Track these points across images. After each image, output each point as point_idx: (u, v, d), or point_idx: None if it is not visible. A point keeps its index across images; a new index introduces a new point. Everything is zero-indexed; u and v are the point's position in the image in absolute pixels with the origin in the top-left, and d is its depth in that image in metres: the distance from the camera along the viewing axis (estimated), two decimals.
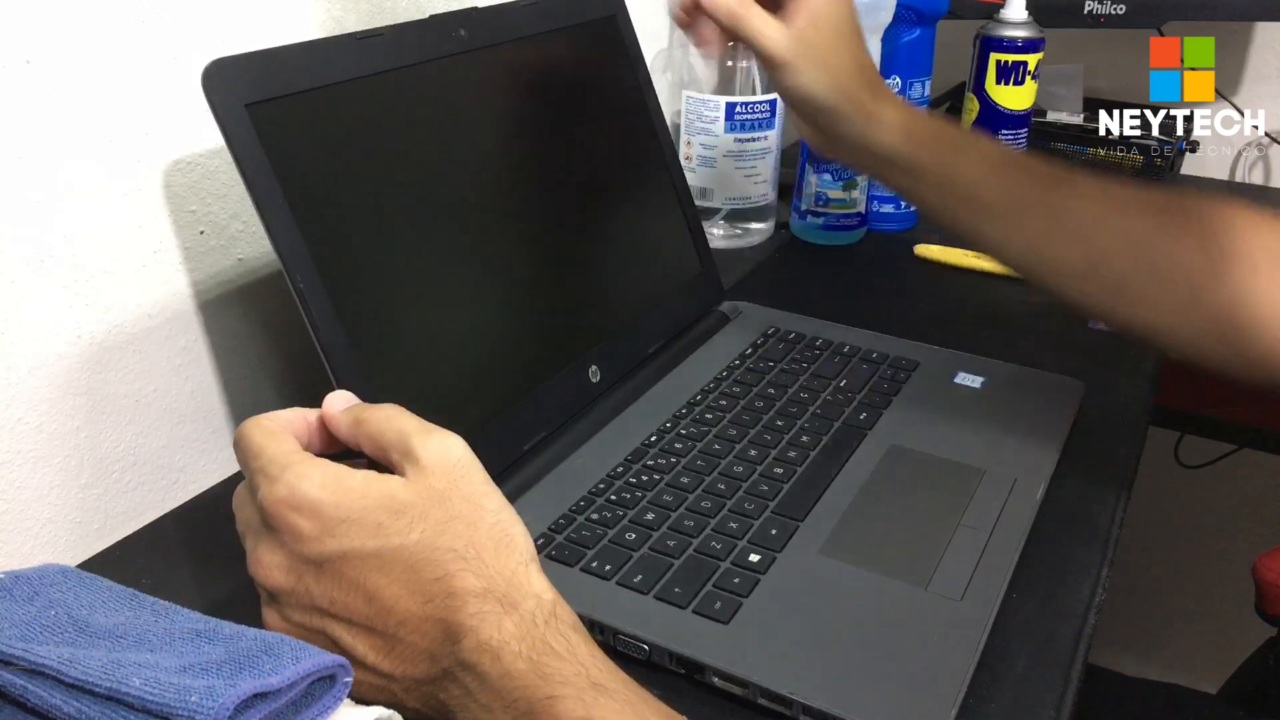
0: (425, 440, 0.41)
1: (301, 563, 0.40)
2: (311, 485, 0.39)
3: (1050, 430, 0.62)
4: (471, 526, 0.39)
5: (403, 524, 0.39)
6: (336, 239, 0.50)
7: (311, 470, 0.40)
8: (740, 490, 0.56)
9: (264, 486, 0.40)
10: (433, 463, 0.40)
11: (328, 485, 0.39)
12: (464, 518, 0.39)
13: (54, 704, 0.36)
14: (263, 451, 0.41)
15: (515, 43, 0.63)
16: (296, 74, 0.50)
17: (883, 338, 0.73)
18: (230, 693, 0.34)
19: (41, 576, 0.42)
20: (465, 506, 0.40)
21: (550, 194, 0.64)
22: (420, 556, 0.39)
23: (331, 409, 0.44)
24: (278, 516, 0.39)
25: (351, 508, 0.39)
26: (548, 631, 0.38)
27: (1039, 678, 0.45)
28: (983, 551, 0.51)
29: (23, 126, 0.48)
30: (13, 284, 0.49)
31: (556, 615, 0.39)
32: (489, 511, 0.40)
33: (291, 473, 0.40)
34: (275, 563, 0.40)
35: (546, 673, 0.37)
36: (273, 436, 0.42)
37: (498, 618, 0.38)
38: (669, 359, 0.69)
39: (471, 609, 0.38)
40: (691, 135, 0.90)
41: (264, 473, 0.40)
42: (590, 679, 0.37)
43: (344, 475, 0.40)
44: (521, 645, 0.37)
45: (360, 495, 0.39)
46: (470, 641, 0.38)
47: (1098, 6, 1.00)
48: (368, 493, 0.39)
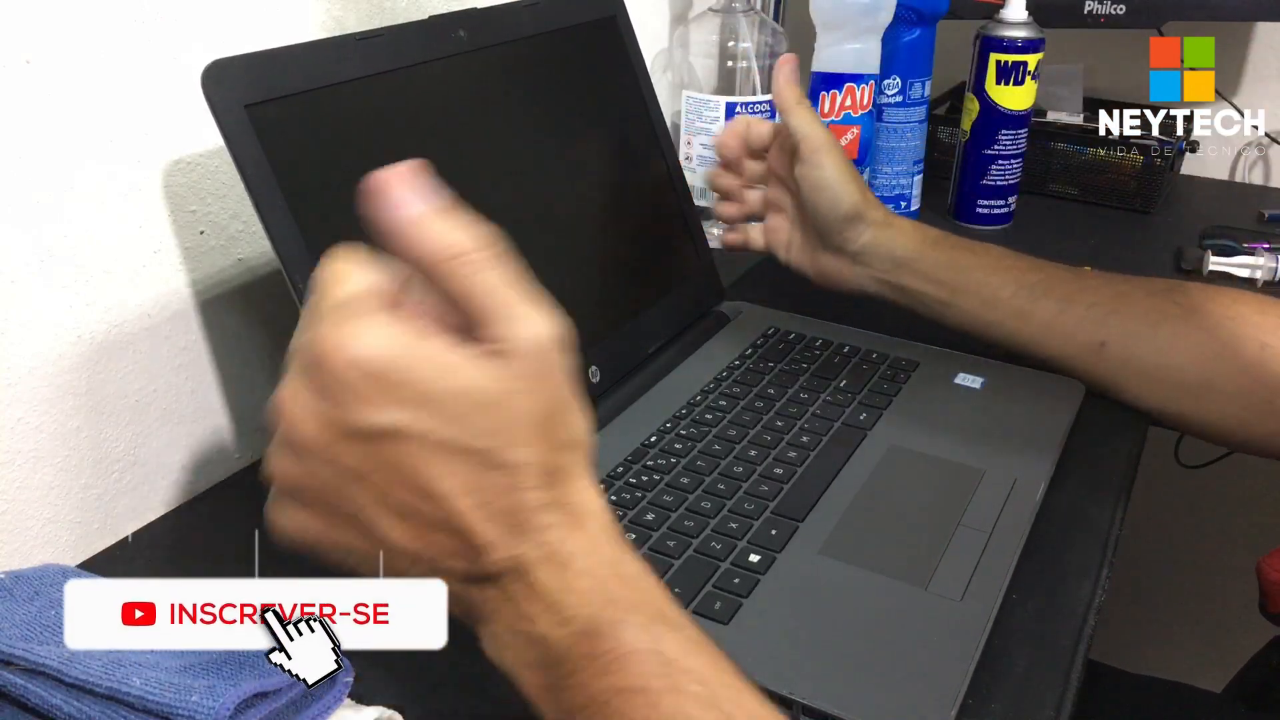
0: (526, 319, 0.35)
1: (343, 425, 0.33)
2: (386, 339, 0.32)
3: (1050, 431, 0.62)
4: (549, 435, 0.35)
5: (483, 422, 0.33)
6: (336, 239, 0.50)
7: (392, 324, 0.33)
8: (740, 491, 0.56)
9: (324, 325, 0.33)
10: (527, 352, 0.34)
11: (411, 347, 0.33)
12: (545, 422, 0.35)
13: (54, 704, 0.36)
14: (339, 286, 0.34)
15: (515, 43, 0.63)
16: (296, 74, 0.50)
17: (883, 338, 0.73)
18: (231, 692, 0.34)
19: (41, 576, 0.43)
20: (547, 411, 0.35)
21: (550, 194, 0.64)
22: (492, 459, 0.34)
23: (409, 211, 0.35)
24: (332, 365, 0.32)
25: (434, 384, 0.33)
26: (617, 552, 0.36)
27: (1039, 678, 0.45)
28: (983, 552, 0.51)
29: (23, 127, 0.48)
30: (13, 284, 0.49)
31: (619, 539, 0.36)
32: (567, 423, 0.36)
33: (364, 321, 0.33)
34: (310, 410, 0.33)
35: (612, 594, 0.35)
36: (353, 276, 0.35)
37: (561, 530, 0.35)
38: (669, 359, 0.69)
39: (539, 520, 0.34)
40: (691, 135, 0.90)
41: (334, 312, 0.33)
42: (657, 609, 0.35)
43: (429, 341, 0.33)
44: (587, 561, 0.35)
45: (444, 371, 0.33)
46: (527, 548, 0.34)
47: (1098, 6, 0.99)
48: (458, 373, 0.33)
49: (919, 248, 0.69)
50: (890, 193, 0.95)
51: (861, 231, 0.69)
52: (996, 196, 0.97)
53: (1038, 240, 0.95)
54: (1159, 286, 0.66)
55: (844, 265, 0.71)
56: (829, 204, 0.69)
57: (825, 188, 0.68)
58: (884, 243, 0.69)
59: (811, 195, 0.69)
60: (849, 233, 0.69)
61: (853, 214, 0.69)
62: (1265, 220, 1.00)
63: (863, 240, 0.69)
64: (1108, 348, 0.64)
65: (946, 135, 1.06)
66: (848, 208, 0.69)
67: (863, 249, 0.69)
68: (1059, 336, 0.66)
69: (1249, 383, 0.61)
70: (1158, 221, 1.01)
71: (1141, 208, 1.01)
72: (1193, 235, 0.93)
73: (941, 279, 0.68)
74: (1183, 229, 0.97)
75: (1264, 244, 0.89)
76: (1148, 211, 1.01)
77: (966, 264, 0.68)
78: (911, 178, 0.95)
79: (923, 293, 0.69)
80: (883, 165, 0.94)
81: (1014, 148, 0.95)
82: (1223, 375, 0.62)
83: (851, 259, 0.70)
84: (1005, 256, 0.69)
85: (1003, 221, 0.98)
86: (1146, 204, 1.01)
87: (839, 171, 0.69)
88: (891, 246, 0.69)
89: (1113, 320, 0.64)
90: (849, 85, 0.85)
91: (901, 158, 0.94)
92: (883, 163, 0.94)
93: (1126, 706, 0.76)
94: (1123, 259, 0.90)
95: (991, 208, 0.97)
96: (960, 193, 0.98)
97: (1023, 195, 0.99)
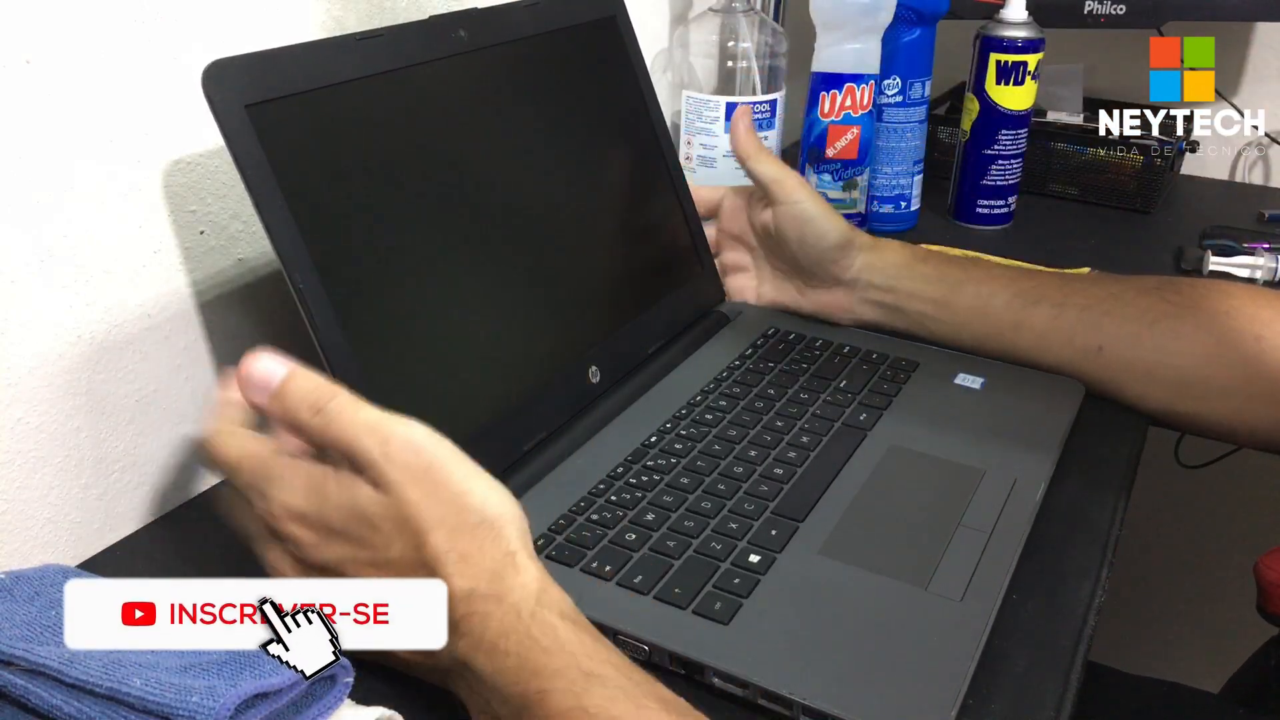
0: (386, 449, 0.39)
1: (310, 566, 0.41)
2: (295, 496, 0.40)
3: (1050, 430, 0.62)
4: (452, 531, 0.38)
5: (381, 539, 0.39)
6: (336, 239, 0.50)
7: (293, 477, 0.40)
8: (740, 491, 0.56)
9: (256, 503, 0.41)
10: (400, 474, 0.39)
11: (311, 496, 0.40)
12: (443, 523, 0.38)
13: (55, 704, 0.36)
14: (239, 466, 0.42)
15: (515, 43, 0.63)
16: (296, 74, 0.50)
17: (882, 338, 0.73)
18: (231, 693, 0.34)
19: (42, 576, 0.43)
20: (441, 510, 0.39)
21: (550, 194, 0.64)
22: (405, 568, 0.39)
23: (256, 394, 0.42)
24: (280, 530, 0.41)
25: (334, 520, 0.40)
26: (533, 624, 0.38)
27: (1039, 678, 0.45)
28: (983, 552, 0.51)
29: (23, 127, 0.48)
30: (13, 284, 0.49)
31: (542, 603, 0.39)
32: (469, 509, 0.39)
33: (274, 484, 0.40)
34: (288, 566, 0.42)
35: (535, 667, 0.37)
36: (244, 443, 0.42)
37: (483, 617, 0.38)
38: (669, 359, 0.69)
39: (460, 610, 0.38)
40: (691, 135, 0.90)
41: (250, 489, 0.41)
42: (581, 668, 0.37)
43: (321, 482, 0.40)
44: (508, 642, 0.37)
45: (337, 507, 0.39)
46: (463, 643, 0.38)
47: (1098, 6, 1.00)
48: (342, 504, 0.39)
49: (910, 264, 0.69)
50: (890, 193, 0.95)
51: (854, 258, 0.70)
52: (996, 196, 0.97)
53: (1038, 240, 0.95)
54: (1150, 284, 0.66)
55: (839, 296, 0.72)
56: (816, 237, 0.70)
57: (810, 221, 0.69)
58: (876, 265, 0.70)
59: (796, 233, 0.70)
60: (842, 261, 0.70)
61: (842, 242, 0.70)
62: (1265, 220, 1.00)
63: (856, 266, 0.70)
64: (1105, 352, 0.64)
65: (946, 135, 1.06)
66: (836, 237, 0.69)
67: (857, 275, 0.70)
68: (1055, 343, 0.66)
69: (1248, 376, 0.61)
70: (1158, 221, 1.01)
71: (1141, 208, 1.01)
72: (1193, 235, 0.93)
73: (934, 295, 0.69)
74: (1183, 229, 0.97)
75: (1264, 244, 0.89)
76: (1148, 211, 1.01)
77: (957, 277, 0.69)
78: (911, 178, 0.95)
79: (919, 312, 0.69)
80: (883, 165, 0.94)
81: (1014, 148, 0.95)
82: (1221, 371, 0.62)
83: (847, 288, 0.71)
84: (994, 267, 0.70)
85: (1003, 221, 0.98)
86: (1146, 204, 1.01)
87: (819, 205, 0.70)
88: (884, 267, 0.70)
89: (1106, 323, 0.64)
90: (849, 85, 0.85)
91: (901, 158, 0.94)
92: (883, 163, 0.94)
93: (1126, 707, 0.76)
94: (1123, 259, 0.90)
95: (991, 208, 0.97)
96: (960, 193, 0.98)
97: (1023, 195, 0.99)
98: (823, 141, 0.88)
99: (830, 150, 0.88)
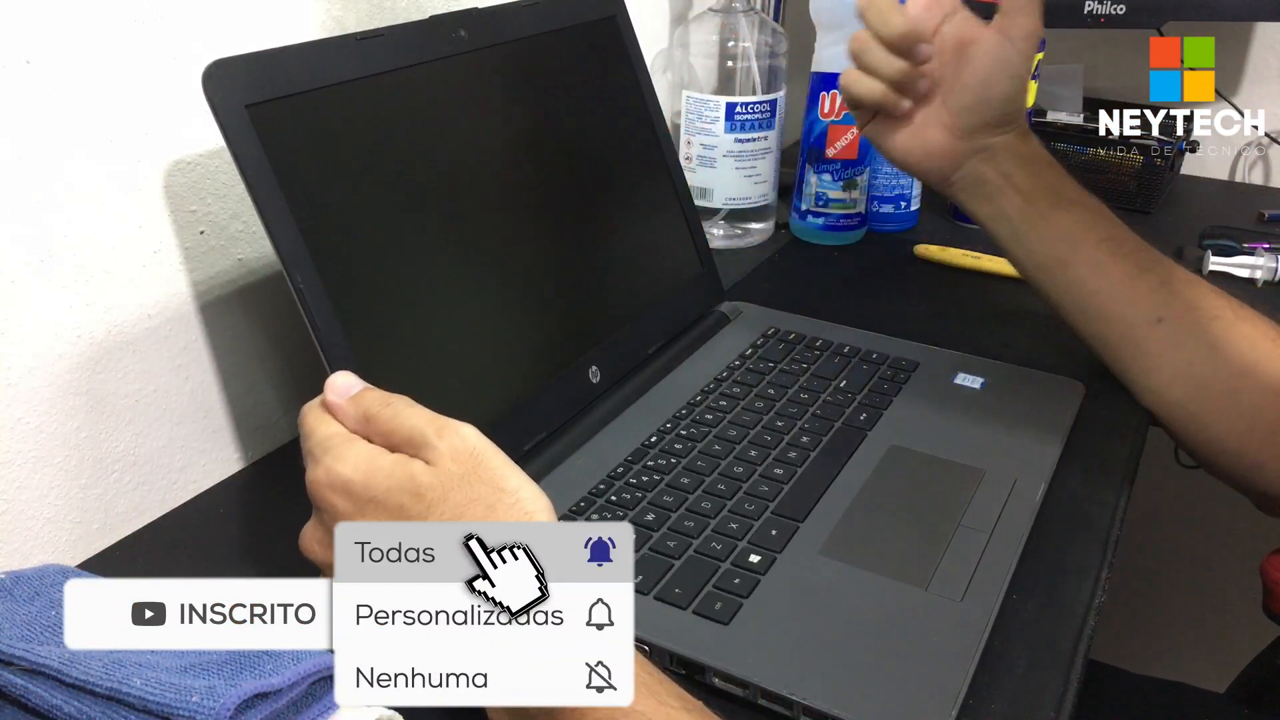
0: (440, 434, 0.42)
1: None
2: (345, 466, 0.42)
3: (1050, 430, 0.62)
4: (490, 509, 0.41)
5: (422, 506, 0.41)
6: (336, 239, 0.50)
7: (348, 451, 0.42)
8: (740, 491, 0.56)
9: (309, 469, 0.43)
10: (449, 453, 0.42)
11: (360, 466, 0.41)
12: (483, 500, 0.41)
13: (55, 704, 0.36)
14: (311, 434, 0.44)
15: (515, 43, 0.63)
16: (296, 74, 0.50)
17: (882, 338, 0.73)
18: (231, 693, 0.34)
19: (42, 576, 0.43)
20: (484, 489, 0.41)
21: (550, 194, 0.64)
22: None
23: (335, 397, 0.45)
24: (317, 496, 0.42)
25: (377, 488, 0.41)
26: None
27: (1039, 678, 0.45)
28: (983, 552, 0.51)
29: (23, 126, 0.48)
30: (13, 284, 0.49)
31: None
32: (507, 493, 0.41)
33: (330, 455, 0.42)
34: (316, 537, 0.43)
35: None
36: (321, 420, 0.44)
37: None
38: (669, 359, 0.69)
39: None
40: (691, 135, 0.90)
41: (310, 455, 0.43)
42: None
43: (376, 456, 0.42)
44: None
45: (386, 476, 0.41)
46: None
47: (1098, 6, 0.99)
48: (393, 474, 0.41)
49: (1034, 164, 0.67)
50: (890, 193, 0.95)
51: (1009, 128, 0.67)
52: None
53: None
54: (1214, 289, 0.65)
55: (962, 145, 0.67)
56: (1007, 88, 0.66)
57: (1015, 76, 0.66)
58: (1015, 148, 0.66)
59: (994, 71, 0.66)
60: (1003, 124, 0.66)
61: (1016, 112, 0.67)
62: (1265, 220, 1.00)
63: (1006, 135, 0.66)
64: (1164, 324, 0.63)
65: None
66: (1020, 103, 0.67)
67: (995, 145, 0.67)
68: (1122, 301, 0.64)
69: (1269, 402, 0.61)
70: (1158, 221, 1.01)
71: (1141, 208, 1.01)
72: (1193, 235, 0.93)
73: (1037, 203, 0.66)
74: (1183, 229, 0.97)
75: (1264, 244, 0.89)
76: (1148, 211, 1.01)
77: (1068, 197, 0.66)
78: (911, 178, 0.95)
79: (1009, 215, 0.67)
80: (883, 165, 0.93)
81: None
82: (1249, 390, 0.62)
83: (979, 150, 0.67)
84: (1102, 210, 0.67)
85: None
86: (1146, 204, 1.01)
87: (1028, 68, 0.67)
88: (1018, 151, 0.67)
89: (1175, 303, 0.63)
90: None
91: None
92: (883, 163, 0.93)
93: (1127, 706, 0.76)
94: None
95: None
96: None
97: None
98: (823, 141, 0.88)
99: (830, 150, 0.88)
